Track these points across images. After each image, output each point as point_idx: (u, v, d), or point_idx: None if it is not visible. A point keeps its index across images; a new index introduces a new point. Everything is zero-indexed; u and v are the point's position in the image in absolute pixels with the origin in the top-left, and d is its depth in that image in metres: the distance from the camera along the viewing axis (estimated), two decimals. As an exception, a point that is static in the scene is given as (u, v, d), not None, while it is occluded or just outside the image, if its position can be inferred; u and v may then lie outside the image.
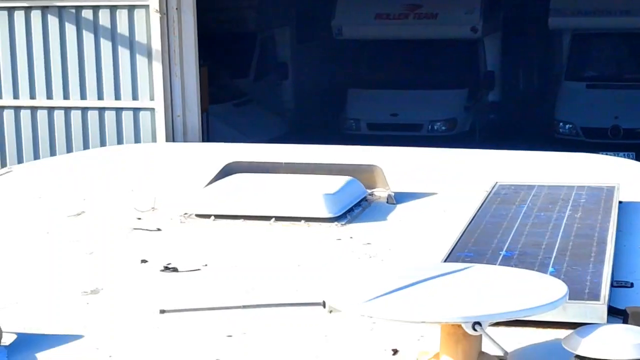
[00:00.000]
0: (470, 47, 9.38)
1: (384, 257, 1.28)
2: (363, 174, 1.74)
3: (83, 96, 5.33)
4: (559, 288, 0.68)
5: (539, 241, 1.18)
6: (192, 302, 1.00)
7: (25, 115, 5.50)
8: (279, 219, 1.51)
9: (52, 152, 5.28)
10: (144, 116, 5.30)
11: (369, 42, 9.71)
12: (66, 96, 5.36)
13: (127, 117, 5.33)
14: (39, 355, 0.82)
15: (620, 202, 1.51)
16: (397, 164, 2.07)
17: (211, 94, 7.05)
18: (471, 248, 1.14)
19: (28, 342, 0.87)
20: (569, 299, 0.69)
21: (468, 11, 9.03)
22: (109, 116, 5.35)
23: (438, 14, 9.17)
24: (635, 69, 8.82)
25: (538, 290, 0.71)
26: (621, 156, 5.44)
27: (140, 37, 5.21)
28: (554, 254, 1.08)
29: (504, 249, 1.12)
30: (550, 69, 10.24)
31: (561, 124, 8.47)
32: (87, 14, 5.26)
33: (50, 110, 5.47)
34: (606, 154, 4.18)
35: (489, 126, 9.22)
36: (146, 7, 5.11)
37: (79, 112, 5.37)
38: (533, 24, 9.92)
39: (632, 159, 4.93)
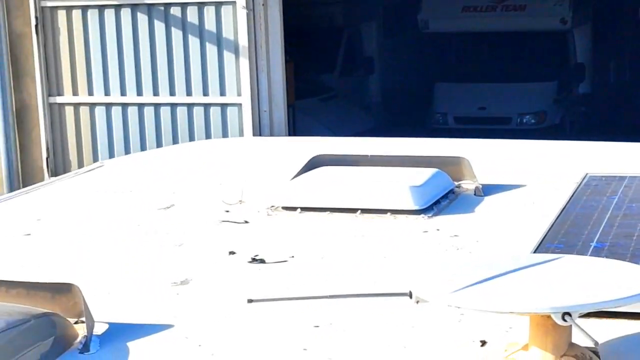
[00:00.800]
0: (560, 39, 9.40)
1: (471, 249, 1.31)
2: (450, 166, 1.79)
3: (172, 92, 5.79)
4: None
5: (631, 232, 1.20)
6: (279, 293, 1.09)
7: (116, 111, 6.04)
8: (364, 211, 1.58)
9: (142, 148, 5.72)
10: (231, 111, 5.64)
11: (456, 35, 9.96)
12: (155, 93, 5.84)
13: (215, 113, 5.71)
14: (130, 344, 0.87)
15: None
16: (484, 156, 2.06)
17: (297, 89, 7.37)
18: (561, 239, 1.17)
19: (119, 332, 0.92)
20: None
21: (557, 2, 9.05)
22: (198, 112, 5.75)
23: (526, 5, 9.26)
24: None
25: (630, 280, 0.72)
26: None
27: (227, 33, 5.55)
28: None
29: (595, 241, 1.16)
30: (641, 60, 9.57)
31: None
32: (176, 11, 5.66)
33: (141, 106, 5.97)
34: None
35: (580, 119, 9.16)
36: (233, 3, 5.41)
37: (168, 108, 5.84)
38: (624, 14, 9.74)
39: None
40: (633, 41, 10.19)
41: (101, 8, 5.88)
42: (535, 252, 1.05)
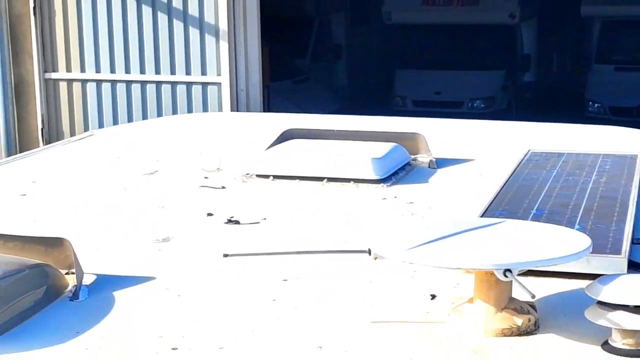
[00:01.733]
0: (509, 32, 9.51)
1: (424, 214, 1.30)
2: (407, 141, 1.78)
3: (157, 71, 5.68)
4: (584, 241, 0.69)
5: (567, 202, 1.22)
6: (252, 250, 1.06)
7: (105, 87, 5.86)
8: (330, 179, 1.56)
9: (129, 121, 5.64)
10: (211, 90, 5.58)
11: (416, 26, 9.91)
12: (142, 71, 5.71)
13: (196, 91, 5.63)
14: (115, 293, 0.87)
15: None
16: (439, 134, 2.06)
17: (272, 71, 7.22)
18: (504, 207, 1.17)
19: (106, 283, 0.92)
20: (592, 252, 0.70)
21: None
22: (180, 89, 5.66)
23: (480, 1, 9.31)
24: None
25: (564, 242, 0.71)
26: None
27: (209, 18, 5.46)
28: (580, 213, 1.11)
29: (535, 209, 1.17)
30: (581, 52, 10.42)
31: (590, 103, 8.74)
32: (162, -3, 5.56)
33: (128, 83, 5.83)
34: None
35: (525, 104, 9.26)
36: (215, -10, 5.31)
37: (154, 85, 5.72)
38: (567, 11, 9.87)
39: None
40: (574, 35, 10.55)
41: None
42: (481, 217, 1.04)
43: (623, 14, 8.88)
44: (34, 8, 5.61)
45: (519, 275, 0.64)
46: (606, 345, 0.61)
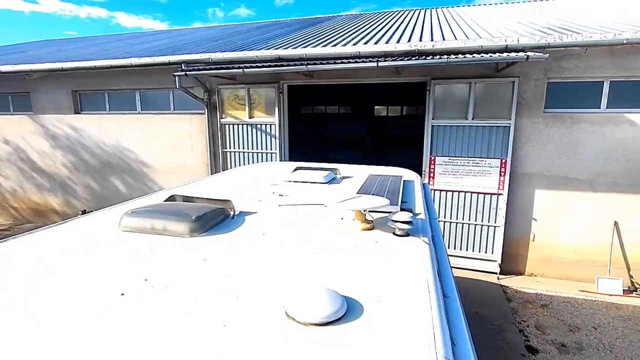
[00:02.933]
0: None
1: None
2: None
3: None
4: (387, 201, 1.94)
5: (371, 190, 2.51)
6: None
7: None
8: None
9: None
10: (274, 157, 7.16)
11: None
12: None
13: (270, 157, 7.27)
14: (247, 217, 2.23)
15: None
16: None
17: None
18: (361, 192, 2.43)
19: (242, 214, 2.04)
20: (391, 205, 1.95)
21: None
22: (263, 157, 7.22)
23: None
24: None
25: (382, 201, 1.97)
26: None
27: None
28: (385, 194, 2.39)
29: (371, 192, 2.46)
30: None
31: None
32: None
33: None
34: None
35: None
36: None
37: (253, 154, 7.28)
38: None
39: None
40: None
41: None
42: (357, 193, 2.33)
43: None
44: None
45: (369, 212, 1.90)
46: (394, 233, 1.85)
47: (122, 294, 1.22)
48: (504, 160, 6.52)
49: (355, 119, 16.12)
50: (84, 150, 9.38)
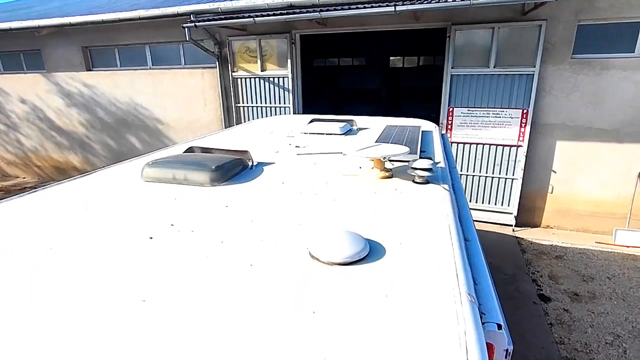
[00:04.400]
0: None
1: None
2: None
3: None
4: (407, 149, 1.91)
5: (400, 139, 2.46)
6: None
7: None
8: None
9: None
10: (287, 110, 6.92)
11: None
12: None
13: (284, 111, 7.06)
14: (265, 167, 2.22)
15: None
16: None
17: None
18: (380, 141, 2.40)
19: (261, 165, 2.21)
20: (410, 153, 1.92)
21: None
22: (278, 111, 7.09)
23: None
24: None
25: (403, 149, 1.94)
26: None
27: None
28: (404, 142, 2.36)
29: (390, 140, 2.42)
30: None
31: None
32: None
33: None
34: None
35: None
36: None
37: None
38: None
39: None
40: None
41: None
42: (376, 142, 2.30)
43: None
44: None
45: (389, 160, 1.88)
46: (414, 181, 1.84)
47: (151, 238, 1.27)
48: (525, 111, 6.29)
49: (370, 71, 15.62)
50: (98, 107, 9.43)
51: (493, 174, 6.81)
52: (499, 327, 0.91)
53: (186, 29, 6.73)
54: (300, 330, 0.82)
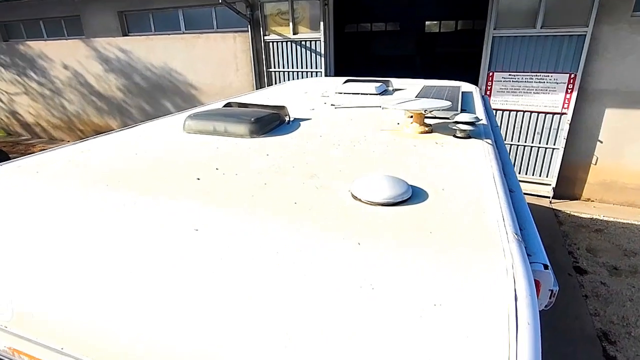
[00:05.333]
0: None
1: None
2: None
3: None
4: (448, 103, 1.85)
5: (441, 96, 2.37)
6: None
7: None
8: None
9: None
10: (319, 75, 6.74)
11: None
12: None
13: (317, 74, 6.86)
14: (302, 122, 2.25)
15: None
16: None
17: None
18: (419, 96, 2.32)
19: (297, 120, 2.31)
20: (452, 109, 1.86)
21: None
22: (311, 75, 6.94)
23: None
24: None
25: (442, 102, 1.88)
26: None
27: None
28: (445, 97, 2.29)
29: (431, 96, 2.36)
30: None
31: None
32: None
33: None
34: None
35: None
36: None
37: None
38: None
39: None
40: None
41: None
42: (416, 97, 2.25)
43: None
44: None
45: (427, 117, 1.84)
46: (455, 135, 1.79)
47: (198, 179, 1.32)
48: (572, 75, 5.89)
49: (404, 37, 14.99)
50: (134, 73, 9.65)
51: (532, 143, 6.51)
52: (545, 267, 0.90)
53: (219, -9, 6.66)
54: (346, 259, 0.85)
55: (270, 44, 7.80)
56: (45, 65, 10.70)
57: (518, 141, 6.59)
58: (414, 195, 1.13)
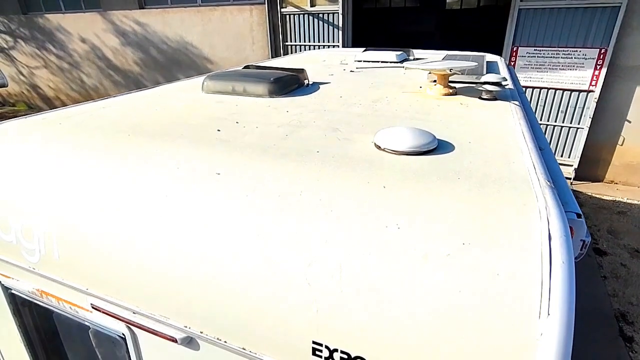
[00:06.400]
0: None
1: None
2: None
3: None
4: (474, 63, 1.77)
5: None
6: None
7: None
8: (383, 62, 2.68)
9: None
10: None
11: None
12: None
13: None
14: (321, 85, 2.21)
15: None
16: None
17: None
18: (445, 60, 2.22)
19: (315, 84, 2.26)
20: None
21: None
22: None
23: None
24: None
25: (467, 62, 1.80)
26: None
27: None
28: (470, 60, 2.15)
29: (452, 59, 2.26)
30: None
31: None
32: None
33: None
34: None
35: None
36: None
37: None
38: None
39: None
40: None
41: None
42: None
43: None
44: None
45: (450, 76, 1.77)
46: (481, 97, 1.72)
47: (219, 130, 1.31)
48: (603, 50, 5.62)
49: (424, 13, 14.51)
50: (151, 46, 9.64)
51: (556, 122, 6.31)
52: (579, 216, 0.87)
53: (236, -40, 6.50)
54: (371, 200, 0.83)
55: (287, 16, 7.65)
56: (64, 39, 10.77)
57: (540, 120, 6.38)
58: (439, 147, 1.10)
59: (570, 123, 6.23)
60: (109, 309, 1.02)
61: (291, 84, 1.98)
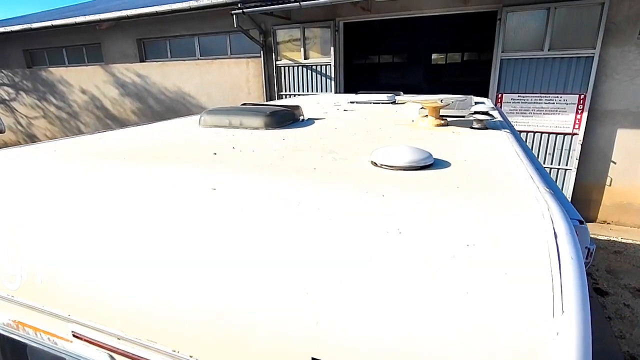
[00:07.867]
0: None
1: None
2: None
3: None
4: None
5: None
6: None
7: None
8: (375, 103, 2.78)
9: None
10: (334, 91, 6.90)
11: None
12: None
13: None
14: (315, 120, 2.25)
15: None
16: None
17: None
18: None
19: (309, 119, 2.30)
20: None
21: None
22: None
23: None
24: None
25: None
26: None
27: None
28: None
29: None
30: None
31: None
32: None
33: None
34: None
35: None
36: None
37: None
38: None
39: None
40: None
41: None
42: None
43: None
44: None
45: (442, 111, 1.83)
46: (472, 127, 1.77)
47: (215, 153, 1.31)
48: (582, 96, 5.91)
49: (411, 68, 15.35)
50: (149, 97, 9.94)
51: (544, 164, 6.45)
52: (581, 222, 0.85)
53: (234, 16, 6.94)
54: (370, 208, 0.81)
55: (282, 68, 8.02)
56: (65, 90, 11.10)
57: (529, 162, 6.52)
58: (436, 164, 1.10)
59: (559, 164, 6.37)
60: (92, 335, 0.94)
61: (287, 118, 2.02)
